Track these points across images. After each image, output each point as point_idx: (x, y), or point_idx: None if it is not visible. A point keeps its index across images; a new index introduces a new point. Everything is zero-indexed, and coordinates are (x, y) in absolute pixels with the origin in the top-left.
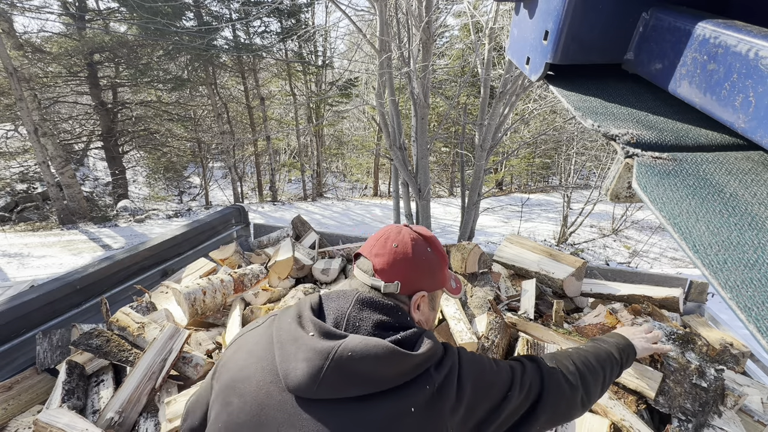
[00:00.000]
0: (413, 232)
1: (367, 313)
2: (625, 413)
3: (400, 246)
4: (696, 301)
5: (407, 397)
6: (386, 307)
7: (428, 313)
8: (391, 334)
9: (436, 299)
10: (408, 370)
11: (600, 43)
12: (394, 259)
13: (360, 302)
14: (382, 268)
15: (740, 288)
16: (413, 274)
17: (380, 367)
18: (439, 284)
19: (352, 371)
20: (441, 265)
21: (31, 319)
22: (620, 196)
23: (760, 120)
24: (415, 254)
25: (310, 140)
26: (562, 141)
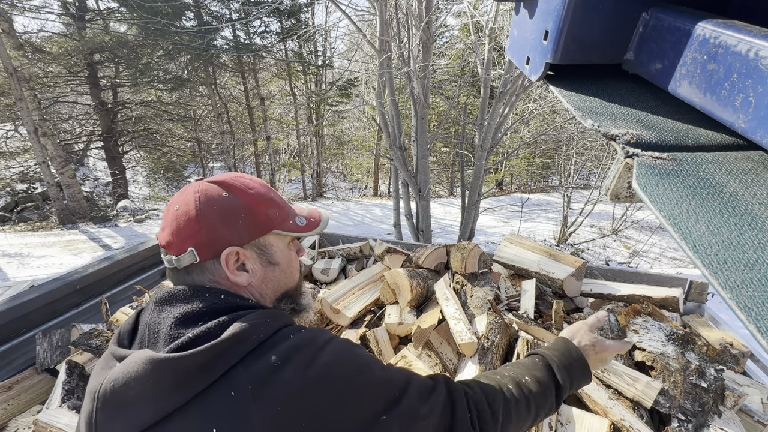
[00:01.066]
0: (201, 183)
1: (166, 313)
2: (625, 413)
3: (181, 206)
4: (696, 301)
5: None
6: (185, 294)
7: (263, 270)
8: (195, 327)
9: (268, 248)
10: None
11: (600, 43)
12: (177, 224)
13: (158, 303)
14: (169, 240)
15: (740, 288)
16: (206, 231)
17: (148, 387)
18: (257, 229)
19: (120, 405)
20: (249, 207)
21: (31, 319)
22: (620, 196)
23: (760, 120)
24: (202, 206)
25: (310, 140)
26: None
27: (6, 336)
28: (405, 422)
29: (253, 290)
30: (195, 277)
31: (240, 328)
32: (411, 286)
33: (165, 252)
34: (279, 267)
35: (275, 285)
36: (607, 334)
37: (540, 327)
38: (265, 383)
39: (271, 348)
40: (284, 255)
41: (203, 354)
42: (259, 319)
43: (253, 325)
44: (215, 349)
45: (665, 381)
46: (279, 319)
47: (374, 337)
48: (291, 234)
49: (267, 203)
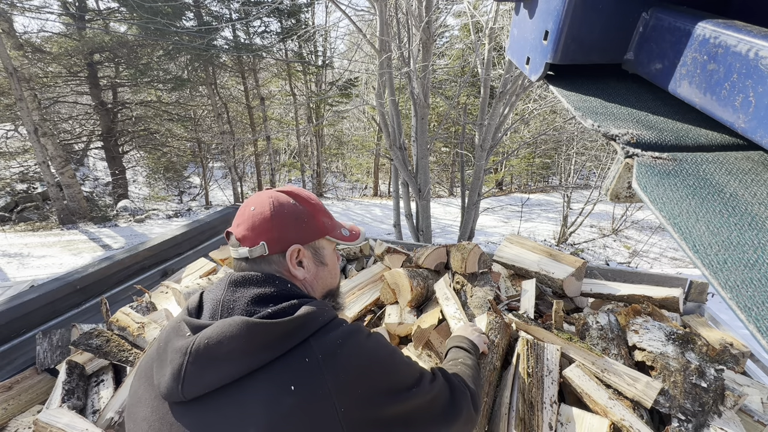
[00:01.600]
0: (273, 191)
1: (240, 293)
2: (624, 413)
3: (257, 207)
4: (696, 301)
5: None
6: (259, 279)
7: (315, 268)
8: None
9: (321, 251)
10: (274, 341)
11: (600, 43)
12: (253, 222)
13: (232, 284)
14: (245, 234)
15: (740, 288)
16: (277, 229)
17: (241, 345)
18: (315, 233)
19: (212, 358)
20: (311, 214)
21: (31, 319)
22: (620, 196)
23: (760, 120)
24: (275, 209)
25: (310, 140)
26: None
27: (6, 336)
28: (423, 396)
29: (306, 284)
30: (263, 266)
31: (311, 310)
32: (411, 286)
33: (238, 244)
34: (327, 267)
35: (323, 282)
36: (607, 334)
37: (540, 327)
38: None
39: (333, 329)
40: (331, 258)
41: (287, 324)
42: (320, 306)
43: (318, 309)
44: (296, 321)
45: (665, 381)
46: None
47: None
48: (338, 241)
49: (323, 213)
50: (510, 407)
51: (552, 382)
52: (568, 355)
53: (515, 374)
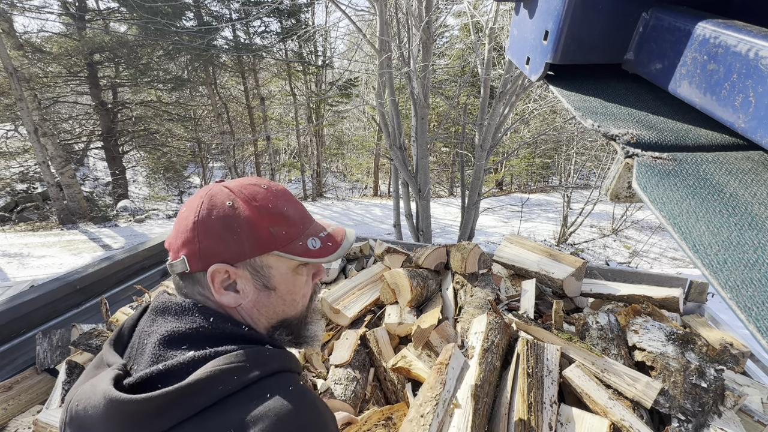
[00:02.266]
0: (216, 186)
1: (156, 326)
2: (624, 413)
3: (186, 209)
4: (696, 301)
5: None
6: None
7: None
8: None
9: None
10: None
11: (600, 43)
12: (179, 227)
13: (153, 311)
14: (170, 242)
15: (740, 288)
16: (200, 241)
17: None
18: (255, 248)
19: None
20: (251, 222)
21: (31, 319)
22: (620, 196)
23: (760, 120)
24: (202, 215)
25: (310, 140)
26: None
27: (6, 336)
28: None
29: (243, 313)
30: (187, 286)
31: (208, 373)
32: (411, 286)
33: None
34: (276, 292)
35: (269, 311)
36: (607, 334)
37: (540, 327)
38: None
39: (236, 406)
40: (285, 280)
41: (156, 400)
42: (236, 362)
43: (224, 370)
44: (169, 396)
45: (665, 381)
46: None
47: (374, 337)
48: (294, 258)
49: (273, 219)
50: (510, 407)
51: (552, 383)
52: (568, 355)
53: (515, 374)
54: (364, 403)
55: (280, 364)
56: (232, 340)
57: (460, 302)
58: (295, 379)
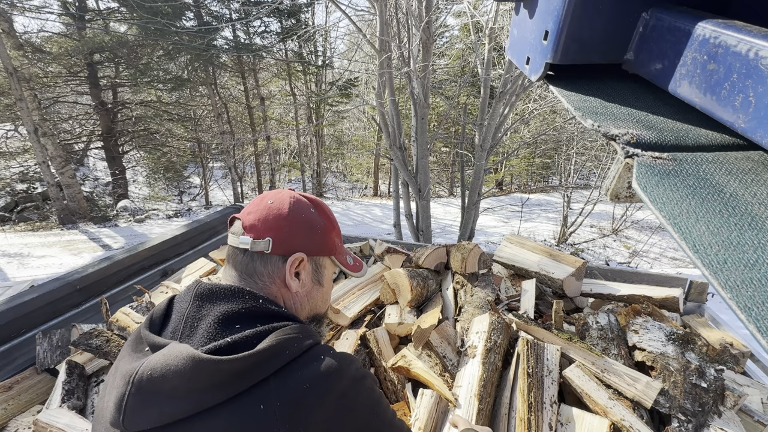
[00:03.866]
0: (296, 193)
1: (206, 309)
2: (624, 413)
3: (276, 202)
4: (696, 301)
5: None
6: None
7: (311, 285)
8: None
9: (321, 270)
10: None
11: (600, 43)
12: (267, 214)
13: (198, 297)
14: (253, 223)
15: (740, 288)
16: (289, 230)
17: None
18: (323, 249)
19: (155, 393)
20: (326, 228)
21: (31, 319)
22: (620, 196)
23: (760, 120)
24: (293, 211)
25: (310, 140)
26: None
27: (6, 336)
28: None
29: (296, 299)
30: (257, 264)
31: (275, 341)
32: (411, 286)
33: (242, 232)
34: (322, 289)
35: (313, 304)
36: (607, 334)
37: (540, 327)
38: (292, 404)
39: (303, 367)
40: (329, 281)
41: (241, 361)
42: (293, 333)
43: (287, 339)
44: (252, 359)
45: (665, 381)
46: (311, 336)
47: (374, 337)
48: (341, 266)
49: (336, 233)
50: (510, 407)
51: (552, 383)
52: (568, 355)
53: (515, 374)
54: None
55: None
56: (278, 318)
57: (460, 302)
58: None
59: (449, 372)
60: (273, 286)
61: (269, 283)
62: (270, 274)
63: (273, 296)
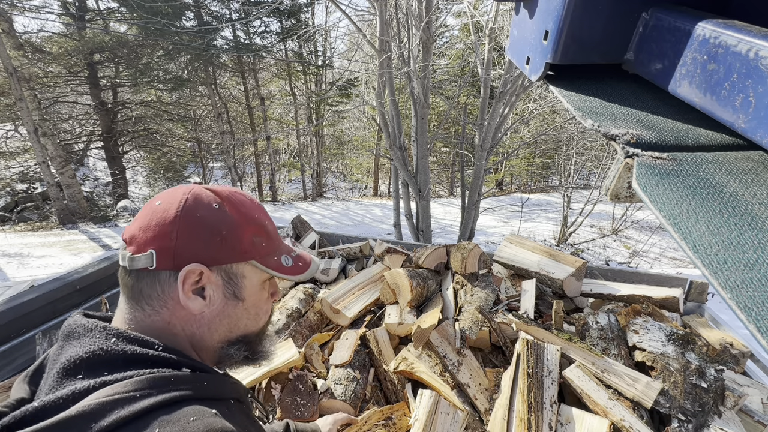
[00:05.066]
0: (196, 187)
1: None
2: (624, 413)
3: (164, 203)
4: (696, 301)
5: None
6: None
7: (222, 301)
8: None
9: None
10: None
11: (600, 43)
12: (150, 220)
13: (61, 336)
14: (134, 234)
15: (740, 288)
16: (178, 237)
17: None
18: (234, 254)
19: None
20: (237, 226)
21: (31, 319)
22: (620, 196)
23: (760, 120)
24: (185, 209)
25: (310, 140)
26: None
27: (6, 336)
28: None
29: (201, 323)
30: (143, 285)
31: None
32: (411, 286)
33: (124, 246)
34: (243, 304)
35: (231, 323)
36: (607, 334)
37: (540, 327)
38: None
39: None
40: (254, 293)
41: None
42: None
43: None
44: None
45: (665, 381)
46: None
47: (374, 337)
48: (270, 271)
49: (256, 229)
50: (510, 407)
51: (552, 383)
52: (568, 355)
53: (515, 374)
54: (364, 403)
55: (191, 392)
56: (137, 363)
57: (460, 302)
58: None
59: (450, 372)
60: (164, 311)
61: (159, 308)
62: (160, 296)
63: (161, 325)
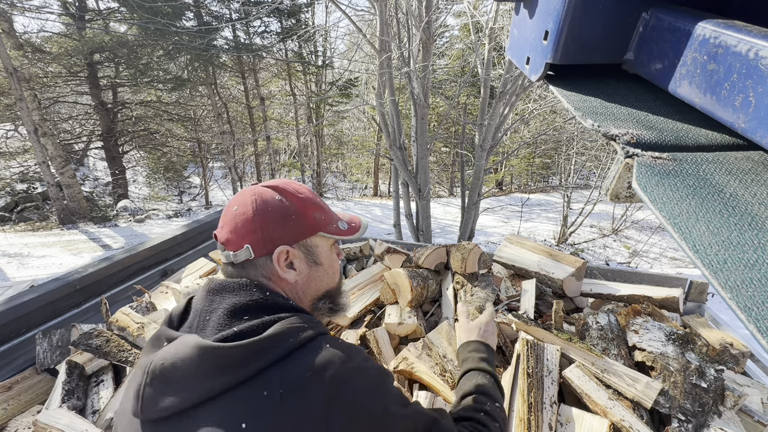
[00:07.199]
0: (257, 187)
1: (217, 303)
2: (624, 413)
3: (240, 207)
4: (696, 301)
5: (236, 406)
6: (235, 287)
7: (308, 269)
8: (244, 320)
9: (314, 249)
10: (228, 368)
11: (600, 43)
12: (236, 223)
13: (209, 292)
14: (228, 238)
15: (740, 288)
16: (262, 230)
17: (192, 370)
18: (305, 231)
19: (166, 382)
20: (300, 210)
21: (31, 319)
22: (620, 196)
23: (760, 120)
24: (258, 208)
25: (310, 140)
26: (562, 141)
27: (6, 336)
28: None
29: (297, 288)
30: (249, 271)
31: (279, 330)
32: (411, 286)
33: (223, 248)
34: (322, 267)
35: (318, 284)
36: (607, 334)
37: (540, 327)
38: (295, 390)
39: (306, 356)
40: (327, 256)
41: (244, 348)
42: (297, 323)
43: (291, 328)
44: (255, 346)
45: (665, 381)
46: (315, 326)
47: (374, 337)
48: (334, 237)
49: (314, 207)
50: (510, 408)
51: (552, 383)
52: (568, 355)
53: (515, 374)
54: None
55: (325, 328)
56: (285, 309)
57: (459, 302)
58: None
59: (450, 372)
60: (271, 284)
61: (267, 282)
62: (265, 275)
63: (276, 291)
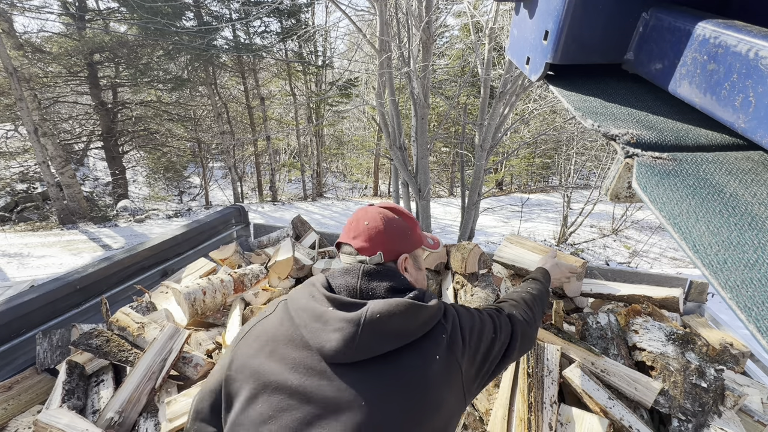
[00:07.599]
0: (379, 208)
1: (376, 282)
2: (624, 413)
3: (371, 222)
4: (696, 301)
5: (431, 346)
6: (389, 273)
7: (416, 272)
8: (401, 295)
9: (418, 259)
10: (426, 320)
11: (600, 43)
12: (369, 234)
13: (366, 274)
14: (362, 245)
15: (740, 288)
16: (390, 241)
17: (405, 321)
18: (416, 244)
19: (383, 330)
20: (412, 228)
21: (31, 319)
22: (620, 196)
23: (760, 120)
24: (386, 225)
25: (310, 140)
26: (562, 141)
27: (6, 336)
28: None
29: None
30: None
31: (436, 298)
32: None
33: (356, 253)
34: (422, 272)
35: (421, 284)
36: (607, 334)
37: (540, 327)
38: (453, 331)
39: (447, 312)
40: (422, 264)
41: (433, 308)
42: (432, 294)
43: (438, 301)
44: (435, 307)
45: (665, 381)
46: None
47: None
48: (429, 250)
49: (418, 226)
50: (510, 407)
51: (552, 383)
52: (568, 355)
53: (515, 374)
54: None
55: None
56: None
57: (460, 302)
58: None
59: None
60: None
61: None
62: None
63: None
